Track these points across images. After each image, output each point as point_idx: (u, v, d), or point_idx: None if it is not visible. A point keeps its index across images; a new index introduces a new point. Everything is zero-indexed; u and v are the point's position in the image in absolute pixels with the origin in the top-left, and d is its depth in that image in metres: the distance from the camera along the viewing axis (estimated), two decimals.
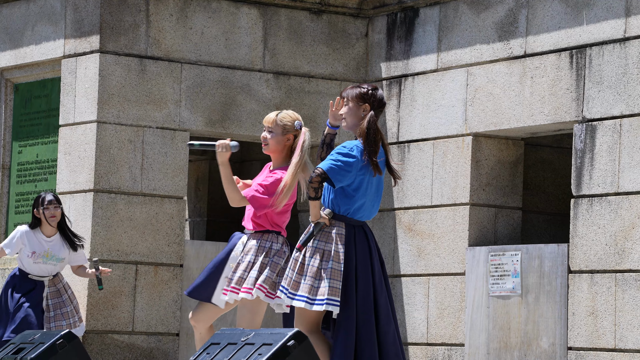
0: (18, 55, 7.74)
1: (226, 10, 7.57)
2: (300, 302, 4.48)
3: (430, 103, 7.51)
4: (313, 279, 4.49)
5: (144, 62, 7.37)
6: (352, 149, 4.50)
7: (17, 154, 7.86)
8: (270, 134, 4.99)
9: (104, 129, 7.28)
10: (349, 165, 4.48)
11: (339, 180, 4.49)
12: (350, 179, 4.51)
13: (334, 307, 4.47)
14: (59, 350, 4.94)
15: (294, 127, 4.96)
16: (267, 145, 5.01)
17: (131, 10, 7.34)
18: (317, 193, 4.46)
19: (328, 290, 4.47)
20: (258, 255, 4.96)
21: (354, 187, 4.53)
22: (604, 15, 6.66)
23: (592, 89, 6.70)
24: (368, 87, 4.60)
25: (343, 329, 4.46)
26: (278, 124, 4.97)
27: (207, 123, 7.50)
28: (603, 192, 6.60)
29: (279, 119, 4.98)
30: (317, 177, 4.46)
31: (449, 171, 7.36)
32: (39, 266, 6.56)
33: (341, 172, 4.47)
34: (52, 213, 6.53)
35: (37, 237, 6.57)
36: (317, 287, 4.48)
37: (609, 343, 6.46)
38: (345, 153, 4.50)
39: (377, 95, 4.57)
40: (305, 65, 7.74)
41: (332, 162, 4.49)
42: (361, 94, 4.56)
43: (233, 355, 4.05)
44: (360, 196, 4.54)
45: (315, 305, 4.48)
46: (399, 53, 7.67)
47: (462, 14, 7.36)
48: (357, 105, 4.57)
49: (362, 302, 4.49)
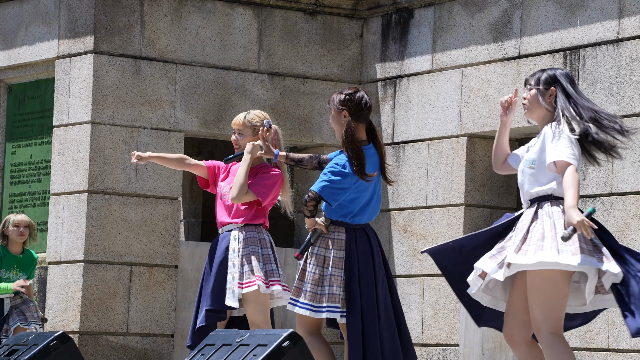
0: (11, 56, 7.73)
1: (221, 11, 7.56)
2: (304, 310, 4.49)
3: (425, 104, 7.52)
4: (315, 286, 4.49)
5: (139, 62, 7.36)
6: (344, 166, 4.48)
7: (10, 155, 7.84)
8: (241, 136, 5.01)
9: (98, 130, 7.27)
10: (340, 183, 4.47)
11: (335, 200, 4.49)
12: (345, 194, 4.50)
13: (335, 314, 4.49)
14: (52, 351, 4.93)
15: (262, 126, 4.96)
16: (239, 147, 5.02)
17: (125, 10, 7.34)
18: (312, 213, 4.48)
19: (328, 298, 4.48)
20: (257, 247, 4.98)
21: (349, 200, 4.53)
22: (598, 16, 6.67)
23: (585, 89, 6.71)
24: (346, 92, 4.55)
25: (352, 333, 4.47)
26: (247, 125, 4.99)
27: (202, 124, 7.50)
28: (597, 193, 6.61)
29: (247, 120, 4.99)
30: (312, 201, 4.45)
31: (443, 172, 7.37)
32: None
33: (335, 191, 4.47)
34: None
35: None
36: (320, 295, 4.49)
37: (602, 343, 6.48)
38: (337, 171, 4.48)
39: (354, 99, 4.50)
40: (300, 66, 7.74)
41: (325, 183, 4.47)
42: (339, 100, 4.53)
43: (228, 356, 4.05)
44: (356, 205, 4.55)
45: (317, 313, 4.49)
46: (393, 54, 7.68)
47: (456, 15, 7.37)
48: (338, 113, 4.54)
49: (367, 306, 4.50)
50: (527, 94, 4.19)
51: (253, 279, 4.91)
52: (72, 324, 7.16)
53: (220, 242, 5.04)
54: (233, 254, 4.97)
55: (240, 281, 4.92)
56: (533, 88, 4.17)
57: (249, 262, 4.93)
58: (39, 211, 7.64)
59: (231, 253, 4.97)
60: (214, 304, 4.95)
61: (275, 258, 5.00)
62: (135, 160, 5.10)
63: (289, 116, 7.71)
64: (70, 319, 7.20)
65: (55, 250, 7.36)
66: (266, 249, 4.96)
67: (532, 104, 4.17)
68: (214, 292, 4.96)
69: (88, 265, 7.19)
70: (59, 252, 7.33)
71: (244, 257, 4.95)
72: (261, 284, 4.89)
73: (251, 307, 4.93)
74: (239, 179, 4.89)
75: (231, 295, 4.92)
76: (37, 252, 7.70)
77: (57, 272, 7.33)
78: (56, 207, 7.38)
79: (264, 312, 4.94)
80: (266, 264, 4.94)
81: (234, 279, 4.93)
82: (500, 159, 4.24)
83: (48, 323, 7.31)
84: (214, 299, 4.95)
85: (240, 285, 4.92)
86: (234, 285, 4.93)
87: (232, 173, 5.11)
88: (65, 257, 7.30)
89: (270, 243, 5.01)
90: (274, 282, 4.92)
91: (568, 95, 4.15)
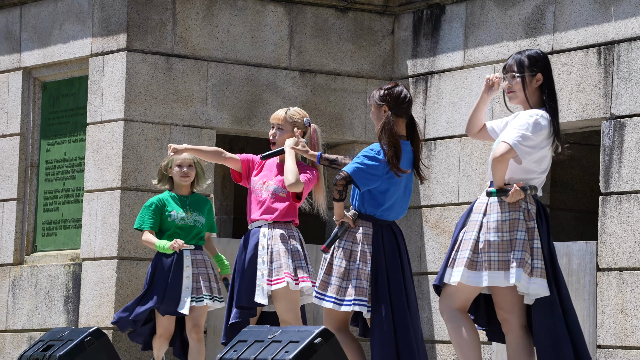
0: (46, 54, 7.80)
1: (252, 8, 7.58)
2: (329, 303, 4.47)
3: (457, 100, 7.48)
4: (341, 279, 4.48)
5: (171, 60, 7.39)
6: (379, 153, 4.48)
7: (45, 152, 7.91)
8: (280, 132, 5.01)
9: (131, 127, 7.32)
10: (374, 168, 4.46)
11: (365, 184, 4.48)
12: (377, 182, 4.49)
13: (362, 308, 4.47)
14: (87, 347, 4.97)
15: (303, 124, 4.96)
16: (275, 143, 5.03)
17: (158, 8, 7.37)
18: (341, 195, 4.45)
19: (355, 291, 4.46)
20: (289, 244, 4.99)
21: (381, 190, 4.51)
22: (633, 11, 6.60)
23: (620, 85, 6.64)
24: (385, 87, 4.57)
25: (378, 329, 4.45)
26: (288, 120, 4.99)
27: (234, 121, 7.52)
28: (632, 189, 6.54)
29: (288, 115, 5.00)
30: (342, 180, 4.44)
31: (475, 168, 7.32)
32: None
33: (366, 175, 4.46)
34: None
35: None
36: (345, 288, 4.47)
37: (638, 341, 6.41)
38: (372, 156, 4.48)
39: (393, 94, 4.53)
40: (331, 63, 7.74)
41: (357, 165, 4.47)
42: (379, 96, 4.55)
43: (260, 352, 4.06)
44: (387, 198, 4.53)
45: (343, 306, 4.47)
46: (425, 50, 7.64)
47: (488, 11, 7.32)
48: (378, 108, 4.55)
49: (397, 301, 4.49)
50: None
51: (282, 276, 4.91)
52: (106, 320, 7.22)
53: (250, 238, 5.05)
54: (262, 251, 4.97)
55: (270, 278, 4.93)
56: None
57: (278, 259, 4.93)
58: (73, 208, 7.71)
59: (260, 250, 4.98)
60: (244, 301, 4.95)
61: (305, 255, 5.00)
62: (172, 153, 5.13)
63: (320, 113, 7.71)
64: (104, 314, 7.26)
65: (89, 247, 7.42)
66: (295, 246, 4.96)
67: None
68: (244, 289, 4.95)
69: (121, 261, 7.24)
70: (93, 249, 7.39)
71: (273, 254, 4.95)
72: (290, 280, 4.89)
73: (281, 304, 4.94)
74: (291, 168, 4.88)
75: (260, 292, 4.93)
76: (72, 248, 7.78)
77: (91, 268, 7.39)
78: (90, 204, 7.44)
79: (295, 309, 4.94)
80: (295, 261, 4.94)
81: (263, 275, 4.94)
82: (475, 128, 4.32)
83: (82, 318, 7.37)
84: (243, 296, 4.95)
85: (269, 282, 4.92)
86: (263, 282, 4.93)
87: (267, 168, 5.11)
88: (99, 254, 7.36)
89: (300, 240, 5.02)
90: (303, 279, 4.92)
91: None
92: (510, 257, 4.06)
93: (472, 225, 4.15)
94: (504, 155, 4.06)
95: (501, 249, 4.07)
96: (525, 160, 4.11)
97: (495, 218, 4.09)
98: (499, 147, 4.08)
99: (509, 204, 4.09)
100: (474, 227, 4.13)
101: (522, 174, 4.13)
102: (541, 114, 4.15)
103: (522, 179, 4.13)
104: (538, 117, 4.12)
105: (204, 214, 5.93)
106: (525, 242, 4.06)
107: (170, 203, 5.89)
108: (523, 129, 4.09)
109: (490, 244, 4.07)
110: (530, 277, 4.04)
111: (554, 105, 4.18)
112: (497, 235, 4.07)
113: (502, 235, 4.07)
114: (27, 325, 7.68)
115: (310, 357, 3.94)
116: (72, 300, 7.46)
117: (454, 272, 4.12)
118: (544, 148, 4.16)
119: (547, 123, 4.14)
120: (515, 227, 4.08)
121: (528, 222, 4.09)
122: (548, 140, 4.15)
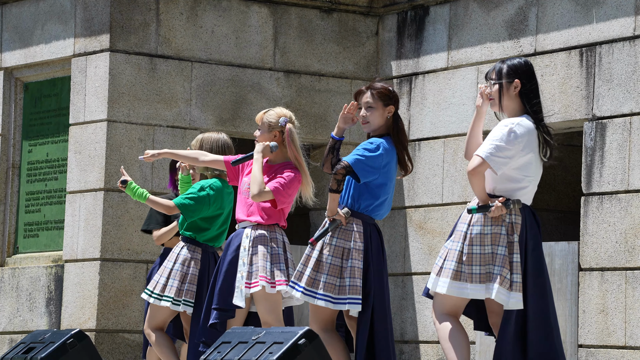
0: (28, 54, 7.76)
1: (236, 9, 7.57)
2: (321, 301, 4.47)
3: (441, 101, 7.50)
4: (334, 277, 4.48)
5: (154, 60, 7.37)
6: (379, 147, 4.50)
7: (27, 153, 7.87)
8: (259, 132, 5.02)
9: (114, 128, 7.29)
10: (373, 160, 4.47)
11: (364, 176, 4.49)
12: (375, 174, 4.50)
13: (356, 306, 4.48)
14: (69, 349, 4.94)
15: (278, 124, 4.97)
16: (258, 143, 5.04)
17: (141, 9, 7.35)
18: (339, 185, 4.45)
19: (349, 289, 4.47)
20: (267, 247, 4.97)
21: (377, 184, 4.52)
22: (614, 13, 6.64)
23: (602, 86, 6.68)
24: (387, 86, 4.62)
25: (363, 325, 4.48)
26: (264, 122, 5.01)
27: (218, 122, 7.50)
28: (613, 190, 6.58)
29: (265, 117, 5.02)
30: (342, 170, 4.44)
31: (459, 169, 7.35)
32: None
33: (366, 167, 4.47)
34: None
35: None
36: (339, 286, 4.47)
37: (619, 340, 6.45)
38: (372, 149, 4.49)
39: (397, 95, 4.66)
40: (316, 64, 7.74)
41: (358, 156, 4.48)
42: (388, 96, 4.61)
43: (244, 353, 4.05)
44: (383, 193, 4.54)
45: (337, 305, 4.48)
46: (409, 51, 7.66)
47: (472, 12, 7.34)
48: (383, 108, 4.59)
49: (378, 300, 4.51)
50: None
51: (257, 279, 4.90)
52: (89, 322, 7.19)
53: (233, 239, 5.04)
54: (244, 252, 4.96)
55: (248, 280, 4.92)
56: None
57: (257, 262, 4.92)
58: (55, 209, 7.67)
59: (242, 251, 4.97)
60: (221, 302, 4.94)
61: (287, 258, 4.97)
62: (143, 157, 5.10)
63: (304, 114, 7.71)
64: (86, 316, 7.23)
65: (71, 249, 7.38)
66: (276, 249, 4.94)
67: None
68: (222, 291, 4.94)
69: (104, 263, 7.21)
70: (76, 251, 7.36)
71: (253, 256, 4.94)
72: (265, 284, 4.87)
73: (262, 306, 4.92)
74: (255, 178, 4.89)
75: (239, 294, 4.92)
76: (54, 250, 7.73)
77: (73, 270, 7.36)
78: (72, 205, 7.41)
79: (276, 311, 4.92)
80: (274, 264, 4.91)
81: (242, 277, 4.93)
82: (473, 149, 4.26)
83: (64, 321, 7.33)
84: (221, 297, 4.93)
85: (247, 284, 4.91)
86: (242, 284, 4.92)
87: None
88: (81, 255, 7.33)
89: (283, 243, 4.99)
90: (280, 282, 4.89)
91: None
92: (492, 270, 4.10)
93: (457, 236, 4.18)
94: (476, 169, 4.09)
95: (483, 262, 4.11)
96: (500, 171, 4.12)
97: (478, 231, 4.12)
98: (472, 160, 4.12)
99: (492, 218, 4.10)
100: (459, 238, 4.17)
101: (506, 182, 4.15)
102: (517, 122, 4.15)
103: (506, 188, 4.14)
104: (513, 126, 4.13)
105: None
106: (504, 257, 4.09)
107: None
108: (497, 140, 4.10)
109: (472, 257, 4.10)
110: (510, 292, 4.08)
111: (537, 112, 4.19)
112: (479, 248, 4.10)
113: (484, 248, 4.11)
114: (8, 328, 7.63)
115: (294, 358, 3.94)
116: (54, 302, 7.43)
117: (439, 282, 4.17)
118: (528, 155, 4.16)
119: (525, 131, 4.14)
120: (496, 241, 4.11)
121: (510, 236, 4.11)
122: (531, 146, 4.16)
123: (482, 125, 4.29)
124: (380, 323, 4.49)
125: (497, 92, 4.21)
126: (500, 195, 4.15)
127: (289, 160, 5.00)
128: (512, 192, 4.16)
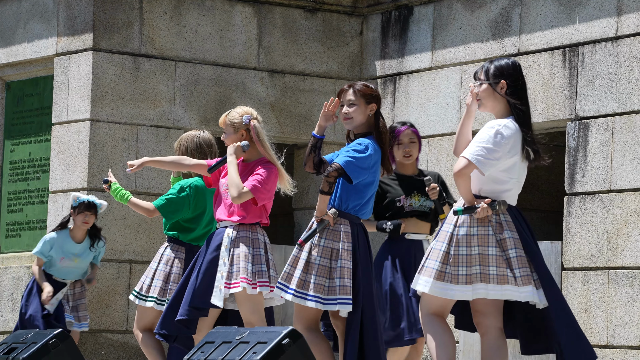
0: (10, 53, 7.72)
1: (220, 9, 7.56)
2: (312, 303, 4.47)
3: (425, 101, 7.51)
4: (323, 278, 4.49)
5: (138, 60, 7.35)
6: (367, 147, 4.53)
7: (9, 153, 7.83)
8: (225, 135, 5.00)
9: (98, 127, 7.27)
10: (364, 161, 4.50)
11: (356, 177, 4.51)
12: (365, 174, 4.53)
13: (346, 307, 4.48)
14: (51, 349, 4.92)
15: (242, 123, 4.95)
16: (227, 147, 5.03)
17: (124, 8, 7.33)
18: (330, 187, 4.47)
19: (339, 289, 4.47)
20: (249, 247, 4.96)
21: (365, 183, 4.54)
22: (596, 14, 6.67)
23: (584, 87, 6.72)
24: (368, 85, 4.66)
25: (353, 326, 4.48)
26: (227, 123, 4.99)
27: (202, 121, 7.49)
28: (596, 190, 6.62)
29: (228, 118, 5.00)
30: (334, 172, 4.47)
31: (443, 169, 7.36)
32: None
33: (357, 168, 4.50)
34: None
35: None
36: (329, 287, 4.48)
37: (601, 339, 6.48)
38: (361, 150, 4.52)
39: (378, 93, 4.70)
40: (300, 64, 7.74)
41: (349, 158, 4.51)
42: (371, 95, 4.65)
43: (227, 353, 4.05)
44: (369, 191, 4.57)
45: (327, 305, 4.48)
46: (393, 51, 7.67)
47: (456, 13, 7.36)
48: (365, 106, 4.63)
49: (367, 300, 4.52)
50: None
51: (238, 280, 4.88)
52: None
53: (214, 238, 5.01)
54: (224, 252, 4.94)
55: (228, 281, 4.89)
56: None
57: (238, 263, 4.89)
58: (38, 209, 7.63)
59: (223, 251, 4.94)
60: (198, 301, 4.90)
61: (268, 259, 4.95)
62: (129, 170, 5.08)
63: (288, 114, 7.71)
64: None
65: None
66: (258, 249, 4.92)
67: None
68: (200, 290, 4.91)
69: None
70: None
71: (233, 257, 4.91)
72: (246, 285, 4.85)
73: (244, 307, 4.90)
74: (232, 180, 4.86)
75: (218, 294, 4.89)
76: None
77: None
78: (55, 205, 7.37)
79: (258, 311, 4.90)
80: (255, 265, 4.89)
81: (222, 277, 4.90)
82: (462, 147, 4.27)
83: None
84: (199, 296, 4.90)
85: (227, 285, 4.88)
86: (221, 284, 4.89)
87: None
88: None
89: (264, 244, 4.96)
90: (261, 283, 4.88)
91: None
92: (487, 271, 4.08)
93: (442, 236, 4.17)
94: (462, 170, 4.09)
95: (469, 263, 4.10)
96: (487, 172, 4.13)
97: (465, 232, 4.12)
98: (458, 162, 4.13)
99: (478, 219, 4.11)
100: (444, 238, 4.16)
101: (492, 184, 4.15)
102: (504, 123, 4.15)
103: (492, 189, 4.15)
104: (500, 127, 4.14)
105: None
106: (497, 257, 4.08)
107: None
108: (484, 142, 4.11)
109: (458, 258, 4.10)
110: (518, 287, 4.06)
111: (523, 113, 4.20)
112: (466, 249, 4.10)
113: (471, 249, 4.10)
114: None
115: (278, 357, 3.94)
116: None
117: (420, 280, 4.16)
118: (514, 156, 4.17)
119: (511, 132, 4.15)
120: (484, 242, 4.11)
121: (499, 234, 4.10)
122: (516, 149, 4.16)
123: (472, 124, 4.29)
124: (369, 322, 4.49)
125: (484, 92, 4.21)
126: (486, 196, 4.15)
127: (263, 156, 4.99)
128: (498, 193, 4.16)
